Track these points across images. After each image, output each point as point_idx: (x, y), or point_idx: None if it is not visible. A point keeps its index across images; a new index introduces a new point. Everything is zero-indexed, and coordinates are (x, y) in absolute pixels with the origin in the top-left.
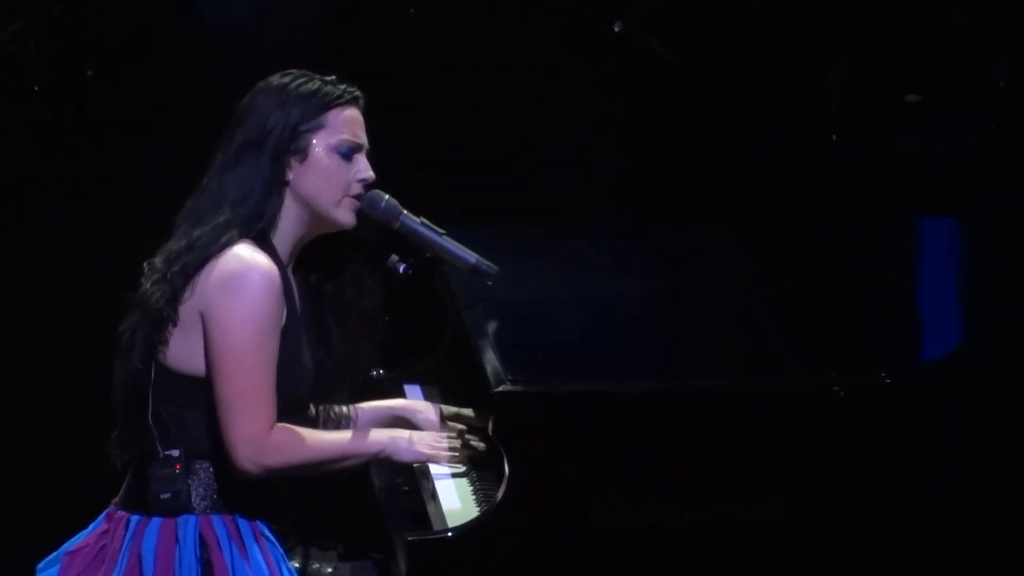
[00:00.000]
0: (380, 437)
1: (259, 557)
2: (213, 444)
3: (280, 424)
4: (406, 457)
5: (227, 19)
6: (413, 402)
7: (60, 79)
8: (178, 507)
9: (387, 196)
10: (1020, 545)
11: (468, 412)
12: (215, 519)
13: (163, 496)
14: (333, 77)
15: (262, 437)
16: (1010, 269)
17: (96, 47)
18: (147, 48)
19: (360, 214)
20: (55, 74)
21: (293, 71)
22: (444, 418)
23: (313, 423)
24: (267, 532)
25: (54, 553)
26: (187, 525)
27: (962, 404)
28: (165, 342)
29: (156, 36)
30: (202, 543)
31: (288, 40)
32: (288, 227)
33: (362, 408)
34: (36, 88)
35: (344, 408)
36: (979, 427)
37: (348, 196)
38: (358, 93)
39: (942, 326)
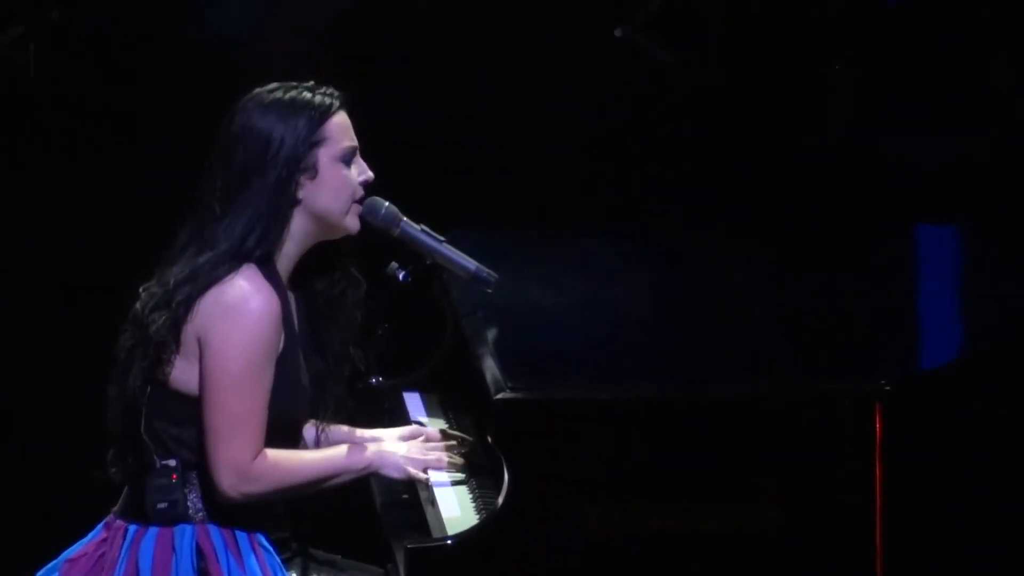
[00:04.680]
0: (365, 453)
1: (255, 567)
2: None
3: (265, 451)
4: (393, 473)
5: (227, 24)
6: (382, 433)
7: (59, 85)
8: (175, 517)
9: (387, 203)
10: (1021, 549)
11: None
12: (212, 529)
13: (160, 506)
14: (312, 83)
15: (245, 466)
16: (1010, 276)
17: (95, 53)
18: (146, 53)
19: (360, 221)
20: (54, 80)
21: (278, 85)
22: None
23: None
24: (264, 541)
25: (53, 561)
26: (184, 535)
27: (962, 411)
28: (166, 368)
29: (155, 41)
30: (199, 553)
31: (288, 43)
32: (293, 242)
33: (336, 430)
34: (35, 93)
35: (323, 425)
36: (979, 434)
37: (354, 202)
38: (340, 95)
39: (942, 333)
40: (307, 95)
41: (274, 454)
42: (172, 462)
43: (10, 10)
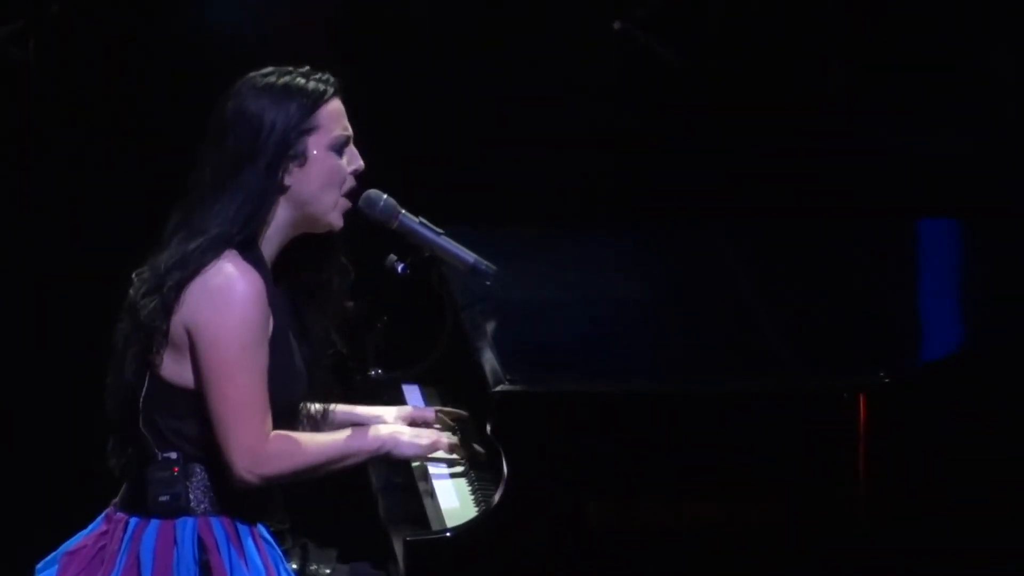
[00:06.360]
0: (379, 433)
1: (257, 559)
2: (209, 450)
3: (276, 432)
4: (407, 451)
5: (226, 18)
6: (381, 411)
7: (59, 80)
8: (176, 509)
9: (385, 195)
10: (1020, 545)
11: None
12: (214, 521)
13: (161, 498)
14: (308, 68)
15: (259, 448)
16: (1010, 270)
17: (95, 47)
18: (145, 48)
19: (358, 214)
20: (54, 75)
21: (272, 70)
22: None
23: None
24: (266, 534)
25: (53, 553)
26: (185, 527)
27: (962, 404)
28: (157, 356)
29: (154, 36)
30: (200, 545)
31: (286, 40)
32: (276, 230)
33: (336, 410)
34: (35, 88)
35: (320, 406)
36: (979, 427)
37: (343, 196)
38: (335, 81)
39: (942, 327)
40: (301, 80)
41: (286, 435)
42: (173, 455)
43: (10, 5)
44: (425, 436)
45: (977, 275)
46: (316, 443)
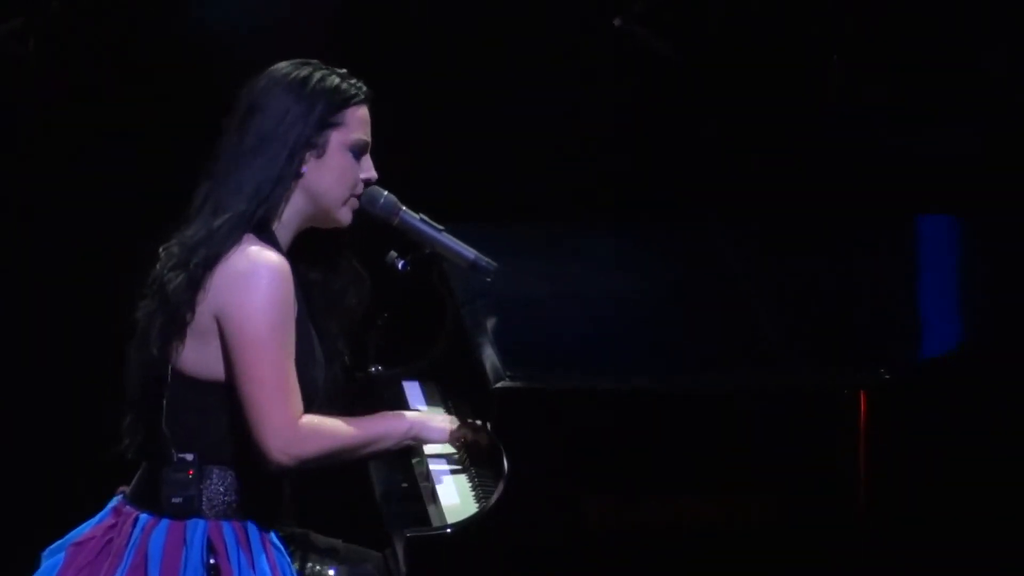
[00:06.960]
0: (407, 417)
1: (265, 566)
2: (230, 449)
3: (307, 415)
4: (435, 436)
5: (227, 17)
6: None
7: (58, 77)
8: (189, 511)
9: (386, 192)
10: (1020, 545)
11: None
12: (225, 525)
13: (174, 500)
14: (345, 71)
15: (292, 428)
16: (1010, 268)
17: (95, 45)
18: (146, 46)
19: (359, 210)
20: (54, 72)
21: (310, 62)
22: None
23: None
24: (276, 540)
25: (58, 541)
26: (196, 529)
27: (962, 402)
28: (181, 340)
29: (155, 33)
30: (210, 548)
31: (287, 38)
32: (289, 218)
33: None
34: (34, 86)
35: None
36: (979, 425)
37: (353, 195)
38: (369, 91)
39: (942, 324)
40: (335, 80)
41: (317, 417)
42: (189, 456)
43: (10, 2)
44: (454, 421)
45: (977, 274)
46: (347, 425)
